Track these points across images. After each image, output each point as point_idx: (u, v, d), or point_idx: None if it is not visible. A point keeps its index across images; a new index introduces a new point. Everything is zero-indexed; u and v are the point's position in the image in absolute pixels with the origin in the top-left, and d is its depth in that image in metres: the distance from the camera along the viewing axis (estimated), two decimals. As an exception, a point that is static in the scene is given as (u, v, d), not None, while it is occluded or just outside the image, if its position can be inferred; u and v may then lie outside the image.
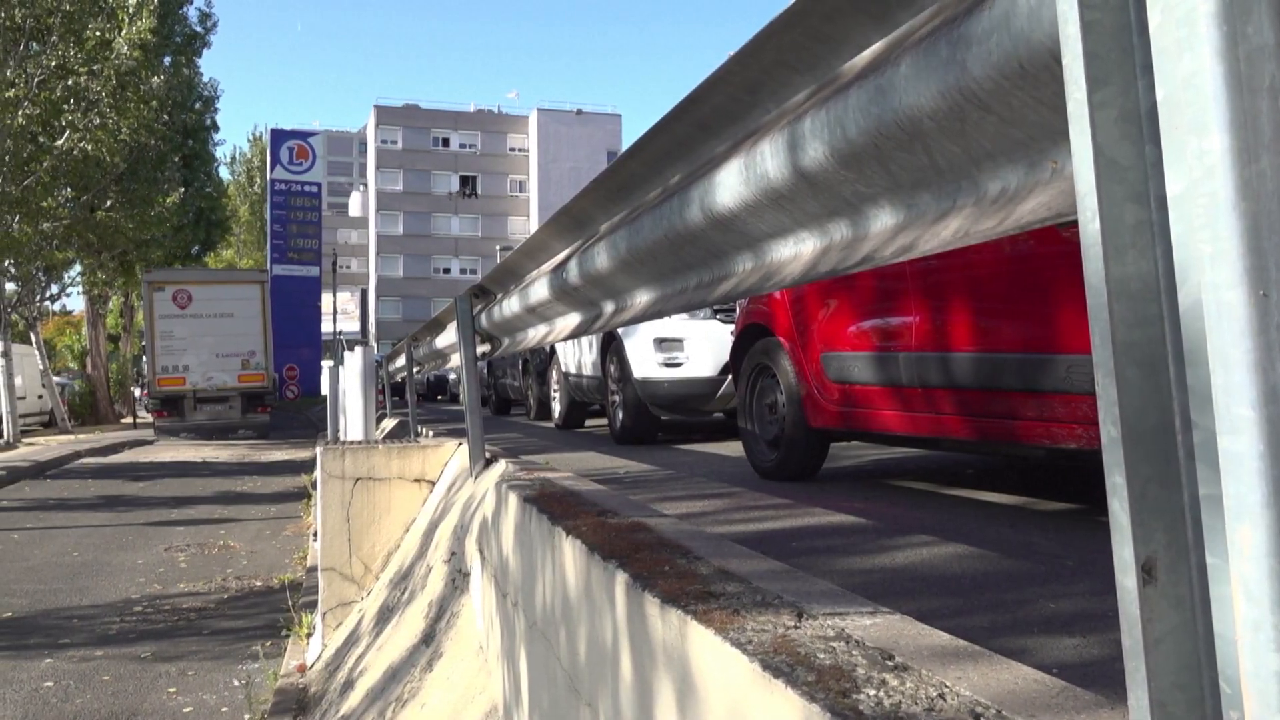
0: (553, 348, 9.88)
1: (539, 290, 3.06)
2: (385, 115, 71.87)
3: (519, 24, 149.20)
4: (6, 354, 22.95)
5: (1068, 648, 1.93)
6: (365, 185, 78.26)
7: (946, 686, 0.97)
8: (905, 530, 3.33)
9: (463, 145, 72.93)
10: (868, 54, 1.18)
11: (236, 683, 5.81)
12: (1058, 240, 3.01)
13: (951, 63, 0.92)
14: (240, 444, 23.49)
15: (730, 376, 6.10)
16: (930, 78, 0.96)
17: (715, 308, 6.95)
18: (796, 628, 1.21)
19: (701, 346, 7.24)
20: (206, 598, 8.12)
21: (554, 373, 10.42)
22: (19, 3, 19.22)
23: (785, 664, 1.06)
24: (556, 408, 10.37)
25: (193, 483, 16.01)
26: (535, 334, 3.62)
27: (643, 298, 2.31)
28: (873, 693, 0.96)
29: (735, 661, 1.13)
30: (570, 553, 2.00)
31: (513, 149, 73.26)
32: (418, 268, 71.08)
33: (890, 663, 1.06)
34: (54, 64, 20.14)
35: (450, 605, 3.70)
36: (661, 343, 7.27)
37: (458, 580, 3.76)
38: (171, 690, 5.76)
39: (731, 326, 6.37)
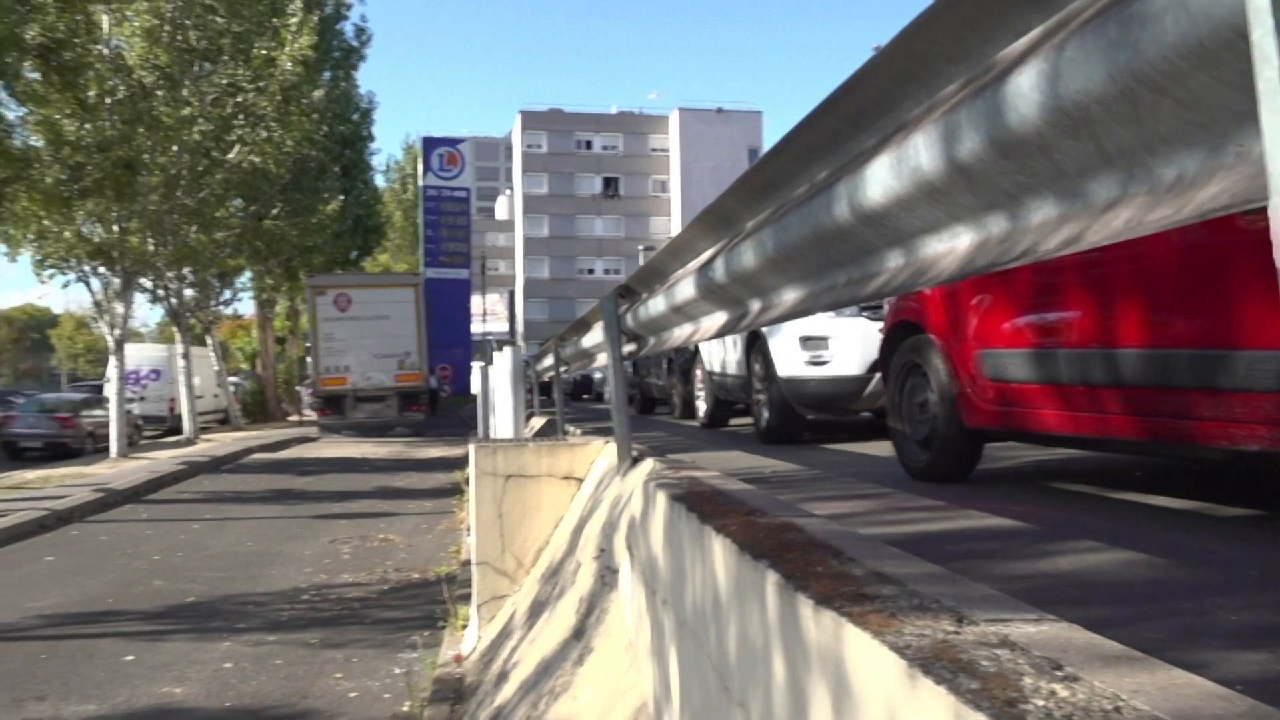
0: (697, 346, 9.90)
1: (685, 289, 3.07)
2: (530, 120, 73.54)
3: (659, 25, 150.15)
4: (186, 355, 24.62)
5: (1252, 663, 1.81)
6: (511, 189, 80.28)
7: (1121, 699, 0.93)
8: (1068, 535, 3.19)
9: (605, 147, 73.95)
10: (1026, 39, 1.13)
11: (397, 670, 6.06)
12: (1234, 228, 2.83)
13: (1122, 44, 0.87)
14: (397, 441, 24.48)
15: (878, 375, 5.98)
16: (1098, 61, 0.92)
17: (862, 304, 6.82)
18: (957, 633, 1.18)
19: (848, 344, 7.12)
20: (368, 588, 8.50)
21: (698, 371, 10.44)
22: (193, 26, 20.58)
23: (946, 670, 1.03)
24: (701, 406, 10.39)
25: (354, 478, 16.78)
26: (681, 333, 3.64)
27: (790, 295, 2.28)
28: (1041, 703, 0.92)
29: (893, 666, 1.10)
30: (720, 552, 2.00)
31: (654, 149, 73.80)
32: (563, 269, 72.44)
33: (1059, 672, 1.01)
34: (224, 82, 21.48)
35: (600, 602, 3.76)
36: (807, 341, 7.19)
37: (607, 577, 3.81)
38: (338, 675, 6.05)
39: (879, 323, 6.24)
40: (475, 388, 16.58)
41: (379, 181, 48.14)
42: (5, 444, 22.50)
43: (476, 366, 15.41)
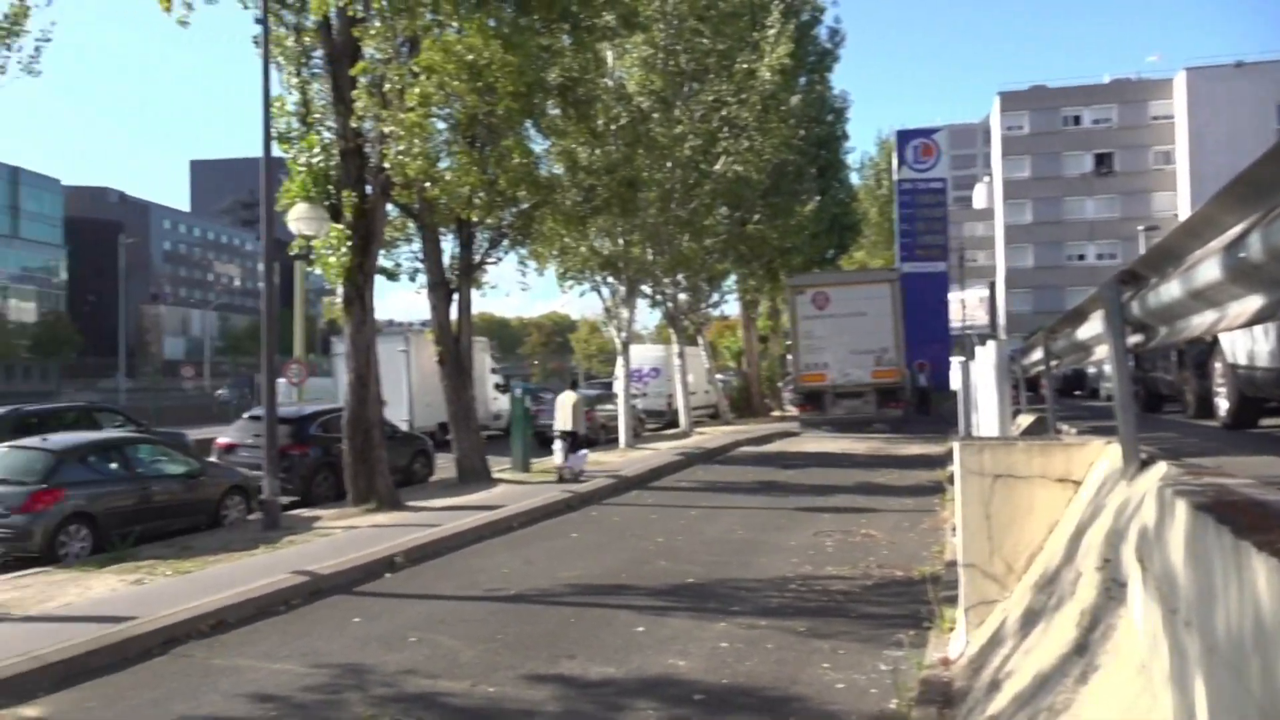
0: (1215, 336, 8.70)
1: (1207, 271, 2.72)
2: (1010, 101, 69.73)
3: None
4: (681, 355, 26.77)
5: None
6: (990, 175, 76.72)
7: None
8: None
9: (1096, 121, 67.89)
10: None
11: (883, 667, 6.06)
12: None
13: None
14: (874, 437, 24.52)
15: None
16: None
17: None
18: None
19: None
20: (851, 582, 8.61)
21: (1216, 364, 9.19)
22: (683, 50, 22.35)
23: None
24: (1221, 404, 9.13)
25: (834, 473, 17.10)
26: (1200, 321, 3.23)
27: (1353, 273, 1.92)
28: None
29: None
30: (1264, 572, 1.74)
31: (1155, 117, 66.27)
32: (1049, 256, 67.71)
33: None
34: (710, 99, 23.07)
35: (1104, 616, 3.45)
36: (1367, 326, 6.01)
37: (1112, 590, 3.49)
38: (825, 665, 6.20)
39: None
40: (954, 384, 16.11)
41: (854, 179, 48.56)
42: (536, 433, 25.93)
43: (955, 362, 14.96)
